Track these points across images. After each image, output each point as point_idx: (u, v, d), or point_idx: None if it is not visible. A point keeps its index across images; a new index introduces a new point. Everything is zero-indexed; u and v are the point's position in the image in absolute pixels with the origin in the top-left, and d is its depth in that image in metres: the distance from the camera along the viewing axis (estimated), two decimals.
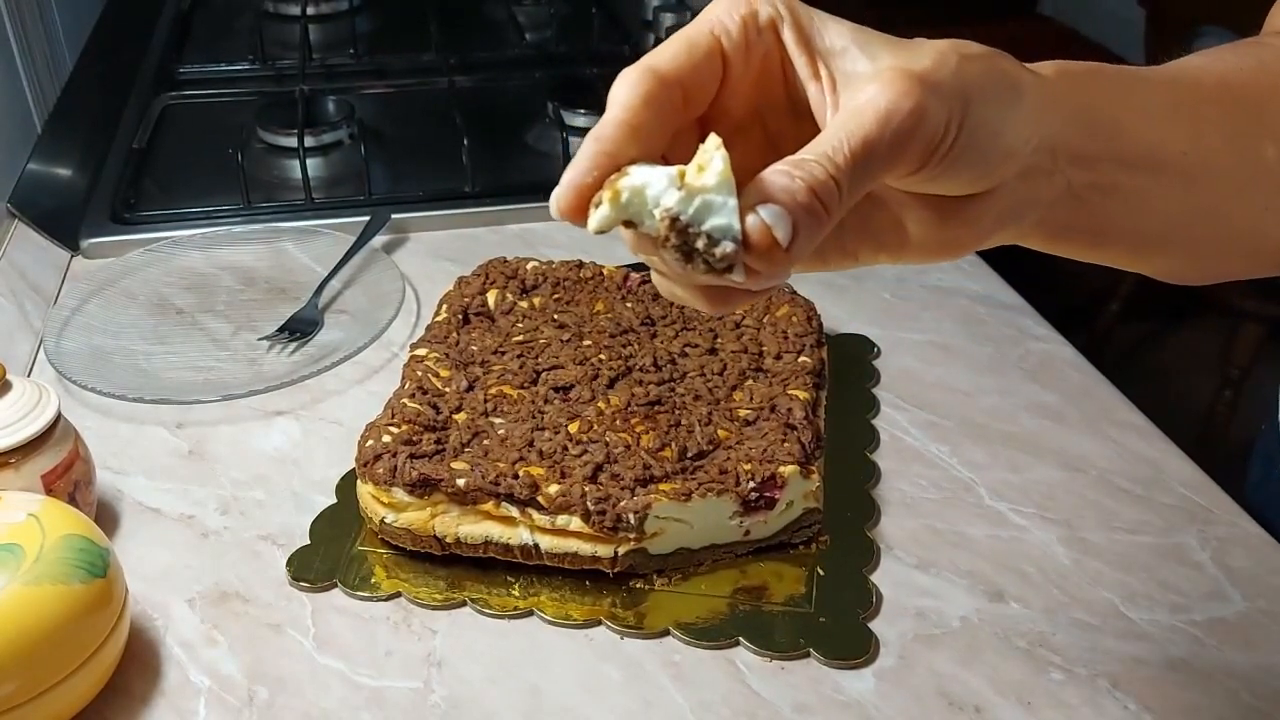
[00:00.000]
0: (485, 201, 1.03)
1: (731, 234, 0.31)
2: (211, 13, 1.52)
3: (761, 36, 0.35)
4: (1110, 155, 0.40)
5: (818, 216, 0.31)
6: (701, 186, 0.31)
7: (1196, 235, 0.46)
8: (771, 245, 0.31)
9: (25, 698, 0.51)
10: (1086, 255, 0.42)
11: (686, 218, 0.31)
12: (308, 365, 0.81)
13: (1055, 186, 0.38)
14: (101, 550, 0.56)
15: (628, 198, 0.31)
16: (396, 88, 1.29)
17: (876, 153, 0.32)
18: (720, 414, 0.68)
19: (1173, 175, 0.42)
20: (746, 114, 0.37)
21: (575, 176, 0.32)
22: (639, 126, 0.33)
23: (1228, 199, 0.45)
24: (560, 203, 0.33)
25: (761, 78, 0.36)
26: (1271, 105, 0.46)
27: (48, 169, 1.06)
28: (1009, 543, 0.67)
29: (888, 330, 0.86)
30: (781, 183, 0.31)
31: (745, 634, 0.60)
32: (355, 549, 0.65)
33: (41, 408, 0.62)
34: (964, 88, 0.33)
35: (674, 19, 1.37)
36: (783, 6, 0.35)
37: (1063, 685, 0.58)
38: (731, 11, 0.35)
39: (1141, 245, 0.44)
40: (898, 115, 0.32)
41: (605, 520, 0.60)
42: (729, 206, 0.31)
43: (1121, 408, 0.79)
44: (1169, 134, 0.42)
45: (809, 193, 0.31)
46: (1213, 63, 0.47)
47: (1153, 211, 0.42)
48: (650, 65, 0.34)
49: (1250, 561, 0.65)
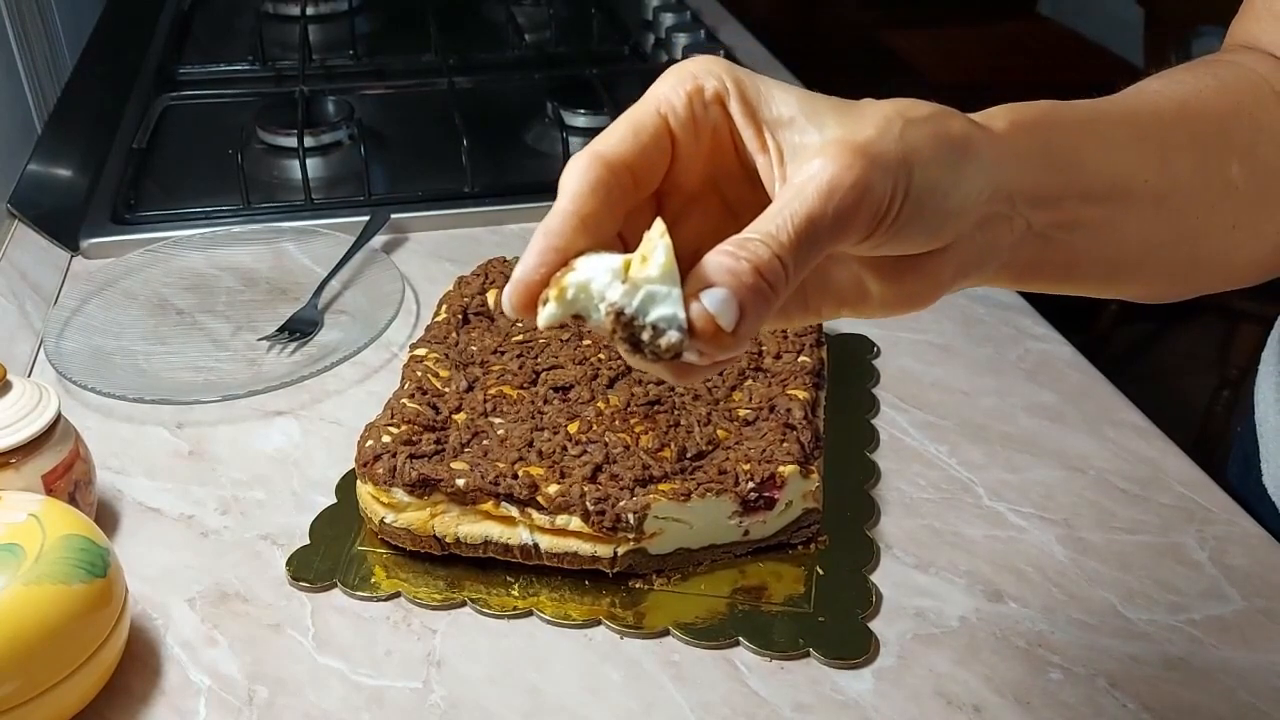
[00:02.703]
0: (485, 201, 1.03)
1: (676, 324, 0.31)
2: (211, 13, 1.52)
3: (708, 111, 0.35)
4: (1073, 192, 0.40)
5: (764, 296, 0.31)
6: (645, 278, 0.31)
7: (1167, 259, 0.46)
8: (716, 331, 0.31)
9: (25, 698, 0.51)
10: (1058, 289, 0.42)
11: (631, 310, 0.31)
12: (308, 365, 0.81)
13: (1015, 230, 0.38)
14: (101, 550, 0.56)
15: (573, 294, 0.32)
16: (396, 88, 1.29)
17: (821, 228, 0.32)
18: (719, 414, 0.68)
19: (1139, 203, 0.42)
20: (701, 185, 0.37)
21: (524, 274, 0.33)
22: (587, 216, 0.33)
23: (1196, 221, 0.45)
24: (511, 300, 0.33)
25: (713, 150, 0.36)
26: (1232, 124, 0.47)
27: (48, 169, 1.07)
28: (1008, 542, 0.67)
29: (887, 330, 0.86)
30: (726, 264, 0.31)
31: (745, 634, 0.60)
32: (355, 549, 0.65)
33: (41, 408, 0.62)
34: (907, 154, 0.33)
35: (674, 19, 1.37)
36: (729, 80, 0.35)
37: (1061, 685, 0.58)
38: (677, 88, 0.35)
39: (1112, 274, 0.44)
40: (840, 190, 0.32)
41: (605, 520, 0.60)
42: (673, 296, 0.31)
43: (1120, 407, 0.79)
44: (1132, 164, 0.42)
45: (754, 273, 0.31)
46: (1171, 87, 0.47)
47: (1121, 240, 0.42)
48: (597, 152, 0.34)
49: (1249, 561, 0.65)
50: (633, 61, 1.36)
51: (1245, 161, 0.46)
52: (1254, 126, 0.47)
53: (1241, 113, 0.47)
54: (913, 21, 2.68)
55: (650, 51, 1.38)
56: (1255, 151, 0.47)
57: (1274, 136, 0.47)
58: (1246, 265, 0.50)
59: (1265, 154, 0.47)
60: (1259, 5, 0.54)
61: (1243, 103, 0.48)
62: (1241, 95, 0.48)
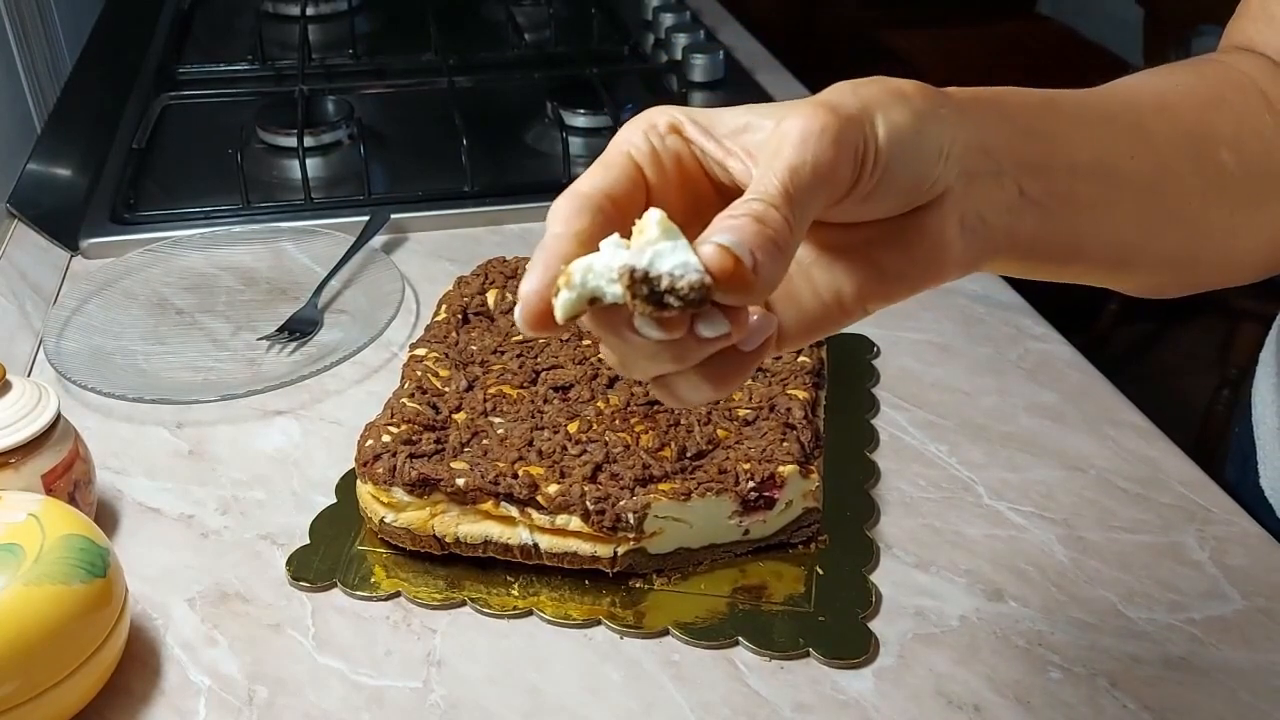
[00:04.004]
0: (485, 201, 1.03)
1: (692, 266, 0.31)
2: (211, 13, 1.52)
3: (665, 141, 0.37)
4: (1058, 162, 0.40)
5: (770, 240, 0.31)
6: (646, 240, 0.31)
7: (1168, 246, 0.46)
8: (735, 266, 0.31)
9: (25, 698, 0.51)
10: (1064, 274, 0.43)
11: (643, 265, 0.31)
12: (307, 365, 0.81)
13: (1006, 190, 0.38)
14: (101, 550, 0.56)
15: (580, 276, 0.32)
16: (396, 88, 1.29)
17: (803, 175, 0.32)
18: (719, 413, 0.68)
19: (1129, 183, 0.43)
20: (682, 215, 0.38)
21: (532, 288, 0.33)
22: (580, 232, 0.34)
23: (1192, 204, 0.46)
24: (525, 314, 0.33)
25: (685, 180, 0.38)
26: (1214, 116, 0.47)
27: (48, 169, 1.07)
28: (1008, 542, 0.67)
29: (887, 330, 0.86)
30: (724, 222, 0.32)
31: (745, 633, 0.60)
32: (355, 549, 0.65)
33: (41, 408, 0.62)
34: (865, 103, 0.34)
35: (674, 19, 1.37)
36: (678, 112, 0.37)
37: (1061, 684, 0.58)
38: (634, 128, 0.37)
39: (1115, 260, 0.44)
40: (811, 135, 0.33)
41: (604, 520, 0.60)
42: (680, 244, 0.31)
43: (1120, 407, 0.79)
44: (1110, 142, 0.43)
45: (754, 220, 0.31)
46: (1148, 80, 0.48)
47: (1120, 222, 0.43)
48: (576, 190, 0.36)
49: (1249, 560, 0.65)
50: (633, 61, 1.36)
51: (1233, 151, 0.47)
52: (1236, 118, 0.48)
53: (1224, 105, 0.48)
54: (913, 21, 2.68)
55: (650, 51, 1.38)
56: (1241, 142, 0.47)
57: (1258, 132, 0.48)
58: (1246, 258, 0.50)
59: (1252, 146, 0.47)
60: (1255, 6, 0.54)
61: (1225, 96, 0.48)
62: (1224, 90, 0.48)
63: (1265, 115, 0.48)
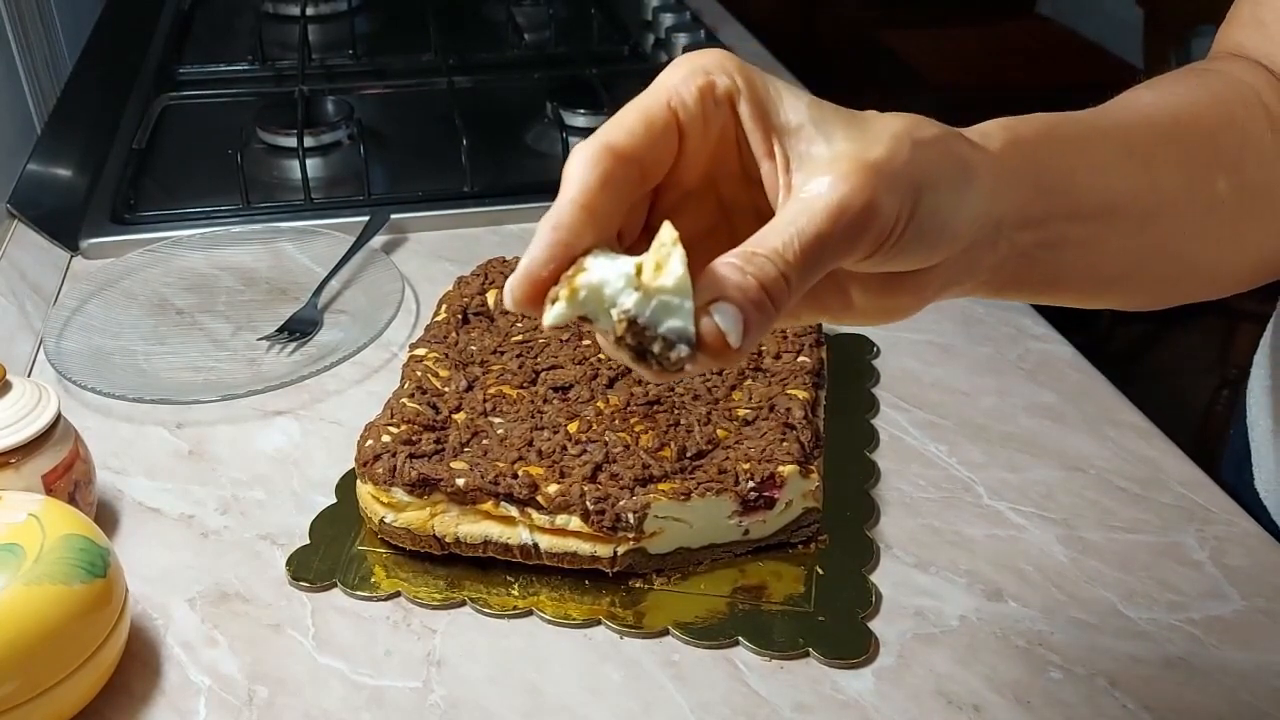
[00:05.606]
0: (484, 202, 1.03)
1: (686, 337, 0.31)
2: (211, 13, 1.52)
3: (718, 110, 0.34)
4: (1060, 213, 0.40)
5: (767, 313, 0.31)
6: (659, 288, 0.31)
7: (1152, 272, 0.46)
8: (723, 347, 0.31)
9: (25, 698, 0.51)
10: (1040, 300, 0.43)
11: (644, 320, 0.31)
12: (307, 365, 0.81)
13: (999, 252, 0.38)
14: (101, 550, 0.56)
15: (585, 296, 0.31)
16: (396, 88, 1.29)
17: (827, 248, 0.32)
18: (719, 413, 0.68)
19: (1126, 219, 0.42)
20: (700, 182, 0.37)
21: (531, 268, 0.32)
22: (595, 209, 0.33)
23: (1181, 235, 0.45)
24: (516, 294, 0.33)
25: (717, 148, 0.36)
26: (1223, 138, 0.47)
27: (48, 169, 1.07)
28: (1008, 542, 0.67)
29: (887, 330, 0.86)
30: (734, 280, 0.31)
31: (745, 633, 0.60)
32: (355, 549, 0.65)
33: (41, 408, 0.62)
34: (916, 177, 0.33)
35: (674, 19, 1.37)
36: (740, 79, 0.34)
37: (1061, 684, 0.58)
38: (689, 82, 0.34)
39: (1095, 287, 0.44)
40: (850, 211, 0.32)
41: (604, 520, 0.60)
42: (685, 309, 0.31)
43: (1120, 407, 0.79)
44: (1124, 180, 0.42)
45: (759, 290, 0.31)
46: (1165, 98, 0.47)
47: (1106, 256, 0.42)
48: (607, 143, 0.33)
49: (1248, 560, 0.65)
50: (632, 61, 1.36)
51: (1232, 176, 0.46)
52: (1242, 139, 0.47)
53: (1233, 125, 0.47)
54: (913, 22, 2.68)
55: (650, 51, 1.38)
56: (1242, 165, 0.47)
57: (1260, 149, 0.48)
58: (1230, 276, 0.50)
59: (1251, 167, 0.47)
60: (1244, 14, 0.54)
61: (1234, 115, 0.48)
62: (1233, 107, 0.48)
63: (1267, 134, 0.48)
